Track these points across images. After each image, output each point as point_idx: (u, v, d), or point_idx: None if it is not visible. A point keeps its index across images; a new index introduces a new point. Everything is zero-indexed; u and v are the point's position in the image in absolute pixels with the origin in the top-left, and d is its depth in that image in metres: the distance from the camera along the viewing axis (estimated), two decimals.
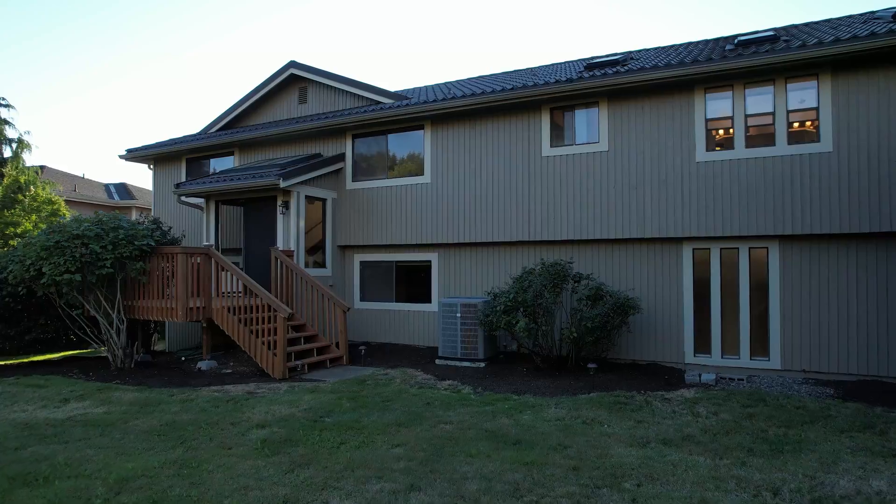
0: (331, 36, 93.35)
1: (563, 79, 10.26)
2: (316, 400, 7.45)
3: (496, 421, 6.41)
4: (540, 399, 7.42)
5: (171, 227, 13.35)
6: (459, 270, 11.79)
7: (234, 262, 13.01)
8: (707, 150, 9.38)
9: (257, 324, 9.52)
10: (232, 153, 14.69)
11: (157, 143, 15.58)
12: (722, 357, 9.38)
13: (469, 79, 15.05)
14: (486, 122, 11.26)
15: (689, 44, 12.05)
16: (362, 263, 12.95)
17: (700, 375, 8.65)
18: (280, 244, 11.97)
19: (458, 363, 9.98)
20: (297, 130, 12.95)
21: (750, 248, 9.25)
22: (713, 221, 9.25)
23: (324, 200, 12.62)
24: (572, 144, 10.46)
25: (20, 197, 14.99)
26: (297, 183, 11.61)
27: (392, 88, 15.35)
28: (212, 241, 12.91)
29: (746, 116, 9.15)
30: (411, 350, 11.54)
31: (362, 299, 12.91)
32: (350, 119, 12.18)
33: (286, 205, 11.82)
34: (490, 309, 9.40)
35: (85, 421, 6.66)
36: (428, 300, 12.12)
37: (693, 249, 9.66)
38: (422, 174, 11.99)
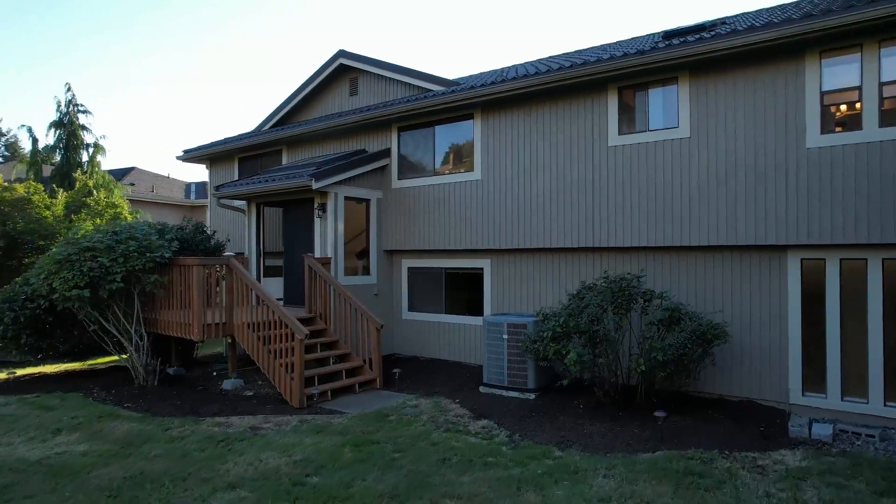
0: (385, 27, 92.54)
1: (633, 51, 8.42)
2: (316, 446, 6.29)
3: (520, 497, 4.92)
4: (587, 458, 5.81)
5: (214, 232, 12.81)
6: (514, 280, 10.26)
7: (278, 268, 12.25)
8: (823, 131, 7.24)
9: (276, 342, 8.54)
10: (280, 151, 13.95)
11: (211, 143, 15.18)
12: (842, 399, 7.25)
13: (526, 63, 13.35)
14: (542, 108, 9.62)
15: (788, 5, 9.70)
16: (410, 270, 11.73)
17: (810, 425, 6.66)
18: (317, 250, 10.99)
19: (503, 392, 8.51)
20: (339, 125, 11.91)
21: (884, 259, 7.04)
22: (831, 224, 7.13)
23: (367, 201, 11.51)
24: (645, 131, 8.60)
25: (88, 200, 15.22)
26: (334, 183, 10.54)
27: (447, 77, 13.97)
28: (253, 245, 12.19)
29: (881, 85, 6.92)
30: (459, 369, 10.18)
31: (411, 309, 11.70)
32: (393, 110, 10.94)
33: (323, 207, 10.81)
34: (537, 335, 7.84)
35: (53, 466, 5.88)
36: (479, 313, 10.69)
37: (801, 260, 7.56)
38: (471, 170, 10.54)
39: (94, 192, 15.55)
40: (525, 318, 8.51)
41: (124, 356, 9.46)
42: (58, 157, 18.06)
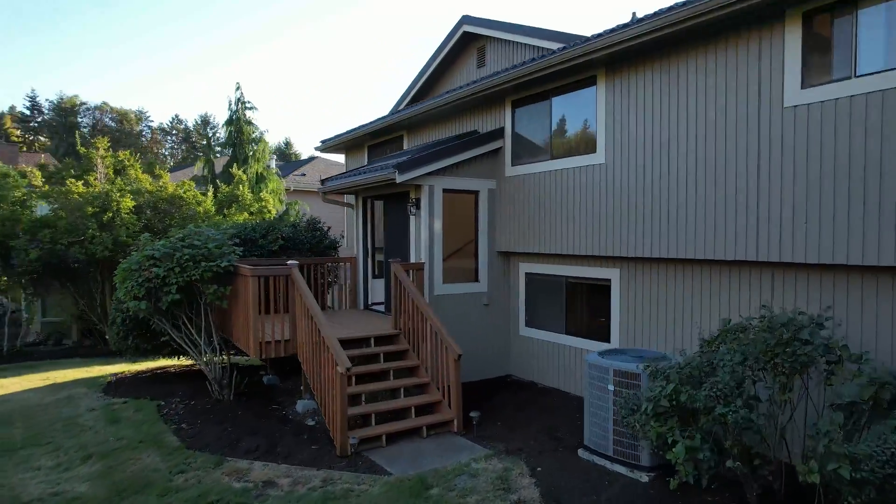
0: None
1: None
2: None
3: None
4: None
5: (328, 228, 12.02)
6: (650, 300, 7.57)
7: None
8: None
9: (327, 368, 7.18)
10: (401, 137, 12.65)
11: (345, 131, 14.52)
12: None
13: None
14: (684, 59, 6.73)
15: None
16: (528, 276, 9.58)
17: None
18: (412, 253, 9.44)
19: (606, 464, 6.08)
20: (449, 103, 10.09)
21: None
22: None
23: (476, 193, 9.59)
24: (847, 78, 5.33)
25: (239, 194, 15.76)
26: (427, 174, 8.84)
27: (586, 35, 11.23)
28: (360, 244, 11.10)
29: None
30: (572, 410, 7.86)
31: (528, 324, 9.58)
32: (503, 79, 8.78)
33: (417, 203, 9.18)
34: (635, 403, 5.29)
35: None
36: (605, 337, 8.19)
37: None
38: (593, 151, 8.01)
39: (241, 186, 16.08)
40: (649, 357, 5.93)
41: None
42: (228, 154, 19.36)
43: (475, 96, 9.53)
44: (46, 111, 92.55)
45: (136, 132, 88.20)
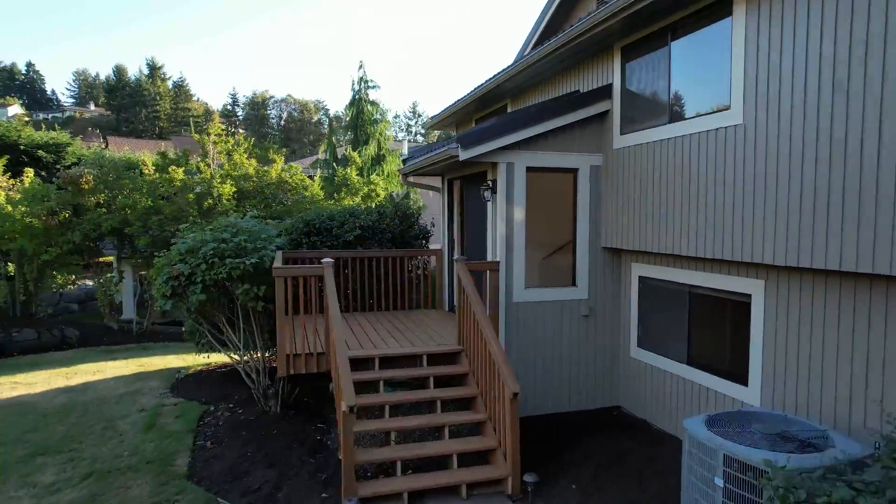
0: None
1: None
2: None
3: None
4: None
5: (418, 216, 10.54)
6: (812, 330, 4.93)
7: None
8: None
9: (340, 397, 5.66)
10: (505, 107, 10.68)
11: (450, 104, 12.90)
12: None
13: None
14: None
15: None
16: (643, 282, 7.21)
17: None
18: (489, 247, 7.59)
19: None
20: (546, 55, 7.90)
21: None
22: None
23: (573, 172, 7.42)
24: None
25: (349, 178, 14.97)
26: (502, 149, 6.90)
27: None
28: (446, 233, 9.47)
29: None
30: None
31: (641, 344, 7.24)
32: (606, 13, 6.43)
33: (491, 185, 7.29)
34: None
35: None
36: (740, 377, 5.67)
37: None
38: (725, 106, 5.46)
39: (347, 169, 15.25)
40: (797, 435, 3.55)
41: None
42: (350, 137, 18.79)
43: (578, 43, 7.22)
44: (242, 106, 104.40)
45: (315, 121, 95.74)
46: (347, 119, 18.68)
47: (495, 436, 5.81)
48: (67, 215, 12.35)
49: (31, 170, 13.55)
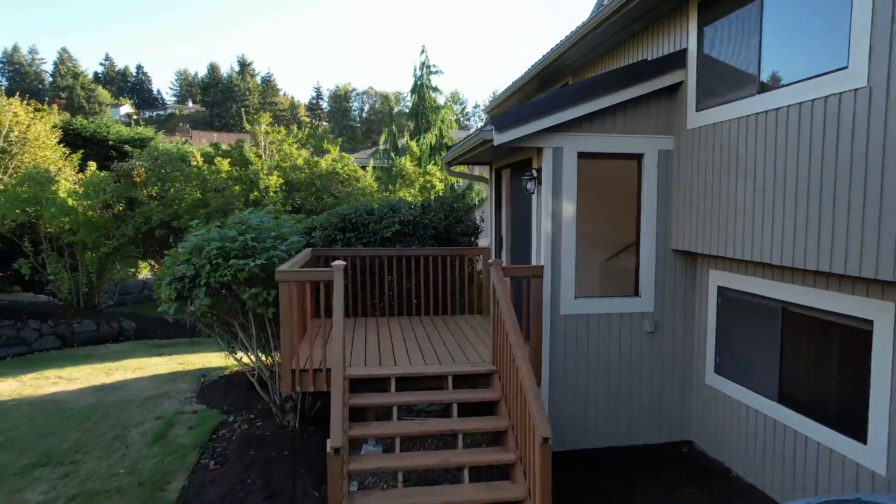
0: None
1: None
2: None
3: None
4: None
5: (469, 208, 9.49)
6: None
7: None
8: None
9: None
10: (567, 84, 9.39)
11: (511, 83, 11.73)
12: None
13: None
14: None
15: None
16: (722, 293, 5.83)
17: None
18: (533, 246, 6.45)
19: None
20: (608, 17, 6.62)
21: None
22: None
23: (637, 158, 6.13)
24: None
25: (405, 168, 14.06)
26: (546, 130, 5.75)
27: None
28: (492, 229, 8.39)
29: None
30: None
31: (719, 370, 5.88)
32: None
33: (536, 175, 6.14)
34: None
35: None
36: (855, 429, 4.25)
37: None
38: (840, 66, 4.03)
39: (403, 159, 14.35)
40: None
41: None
42: (412, 125, 17.90)
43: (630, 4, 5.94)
44: (326, 100, 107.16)
45: (397, 112, 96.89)
46: (409, 106, 17.89)
47: (525, 482, 4.72)
48: (121, 208, 12.32)
49: (94, 163, 13.71)
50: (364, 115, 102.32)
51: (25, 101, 14.83)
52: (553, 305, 5.99)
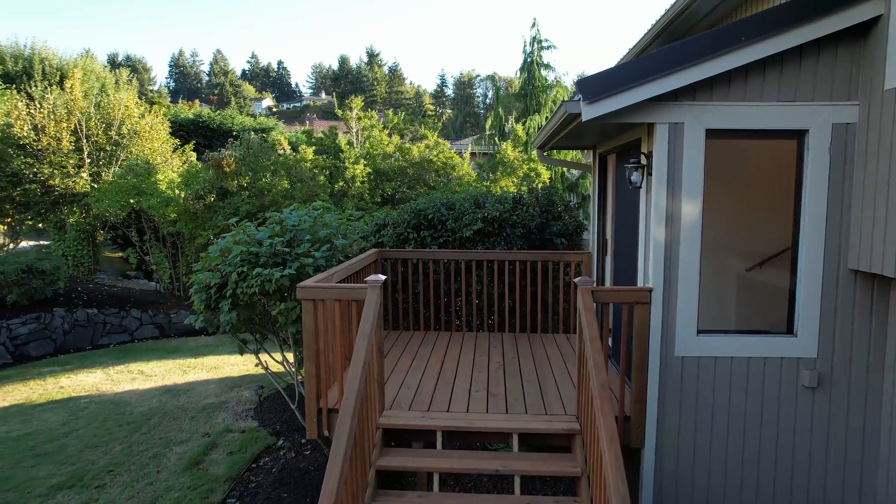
0: None
1: None
2: None
3: None
4: None
5: (570, 204, 7.93)
6: None
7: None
8: None
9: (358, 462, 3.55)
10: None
11: (630, 48, 9.80)
12: None
13: None
14: None
15: None
16: None
17: None
18: (639, 259, 4.80)
19: None
20: None
21: None
22: None
23: (798, 136, 4.26)
24: None
25: (507, 155, 12.46)
26: (654, 100, 4.10)
27: None
28: (595, 228, 6.76)
29: None
30: None
31: None
32: None
33: (644, 162, 4.48)
34: None
35: None
36: None
37: None
38: None
39: (505, 144, 12.76)
40: None
41: None
42: (521, 106, 16.19)
43: None
44: (450, 87, 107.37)
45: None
46: (518, 86, 16.26)
47: None
48: (213, 199, 12.14)
49: (194, 153, 13.77)
50: (488, 100, 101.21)
51: (144, 98, 15.34)
52: (665, 342, 4.34)
